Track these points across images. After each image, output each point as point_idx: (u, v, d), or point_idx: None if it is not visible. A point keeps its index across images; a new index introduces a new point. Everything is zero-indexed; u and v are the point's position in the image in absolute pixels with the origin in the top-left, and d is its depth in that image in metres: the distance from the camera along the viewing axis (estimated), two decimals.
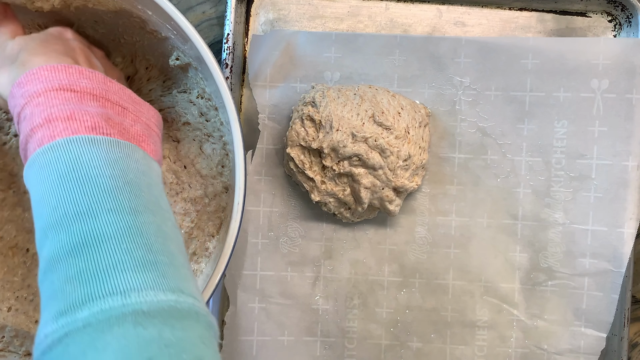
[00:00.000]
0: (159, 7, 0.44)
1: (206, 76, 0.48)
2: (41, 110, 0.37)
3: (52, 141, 0.35)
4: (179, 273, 0.33)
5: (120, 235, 0.32)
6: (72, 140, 0.35)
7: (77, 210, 0.32)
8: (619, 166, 0.55)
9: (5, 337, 0.51)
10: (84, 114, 0.37)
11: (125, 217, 0.33)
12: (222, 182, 0.53)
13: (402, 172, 0.53)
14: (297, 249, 0.57)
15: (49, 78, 0.38)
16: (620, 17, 0.58)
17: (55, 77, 0.38)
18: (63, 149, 0.35)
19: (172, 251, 0.34)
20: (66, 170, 0.34)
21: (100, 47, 0.54)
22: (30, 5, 0.48)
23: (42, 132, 0.36)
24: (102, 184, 0.34)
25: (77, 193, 0.33)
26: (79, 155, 0.35)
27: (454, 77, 0.56)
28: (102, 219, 0.32)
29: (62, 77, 0.38)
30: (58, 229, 0.32)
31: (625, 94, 0.55)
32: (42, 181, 0.34)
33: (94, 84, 0.39)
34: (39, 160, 0.35)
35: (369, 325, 0.57)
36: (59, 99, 0.37)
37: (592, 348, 0.56)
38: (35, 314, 0.53)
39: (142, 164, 0.37)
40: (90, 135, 0.36)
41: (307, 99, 0.54)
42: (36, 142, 0.36)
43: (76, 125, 0.36)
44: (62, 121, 0.36)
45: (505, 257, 0.57)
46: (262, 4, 0.59)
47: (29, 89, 0.38)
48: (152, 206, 0.35)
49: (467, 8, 0.59)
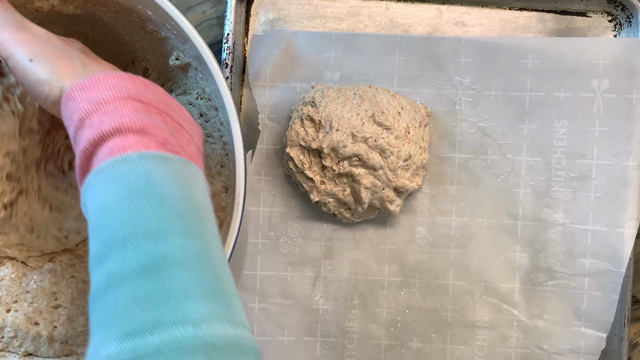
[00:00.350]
0: (159, 7, 0.44)
1: (206, 76, 0.48)
2: (111, 118, 0.35)
3: (123, 153, 0.34)
4: (240, 304, 0.33)
5: (190, 260, 0.31)
6: (145, 156, 0.34)
7: (147, 229, 0.31)
8: (619, 166, 0.55)
9: (4, 337, 0.51)
10: (155, 127, 0.35)
11: (195, 242, 0.32)
12: (222, 182, 0.53)
13: (402, 172, 0.53)
14: (297, 249, 0.57)
15: (117, 86, 0.37)
16: (621, 17, 0.58)
17: (123, 85, 0.37)
18: (136, 163, 0.33)
19: (232, 280, 0.34)
20: (139, 185, 0.33)
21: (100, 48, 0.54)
22: (30, 5, 0.48)
23: (114, 142, 0.34)
24: (173, 204, 0.33)
25: (149, 211, 0.32)
26: (151, 172, 0.33)
27: (454, 77, 0.56)
28: (173, 241, 0.31)
29: (130, 87, 0.37)
30: (126, 245, 0.31)
31: (626, 94, 0.55)
32: (111, 193, 0.33)
33: (157, 97, 0.38)
34: (107, 171, 0.34)
35: (369, 325, 0.57)
36: (129, 109, 0.36)
37: (593, 348, 0.56)
38: (34, 315, 0.52)
39: (203, 186, 0.37)
40: (162, 153, 0.35)
41: (307, 99, 0.54)
42: (106, 152, 0.34)
43: (148, 139, 0.35)
44: (134, 133, 0.35)
45: (506, 257, 0.57)
46: (262, 4, 0.59)
47: (95, 94, 0.36)
48: (215, 231, 0.35)
49: (467, 8, 0.59)
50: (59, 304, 0.53)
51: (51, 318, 0.52)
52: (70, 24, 0.52)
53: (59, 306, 0.53)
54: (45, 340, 0.52)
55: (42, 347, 0.52)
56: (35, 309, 0.52)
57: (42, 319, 0.52)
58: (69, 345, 0.52)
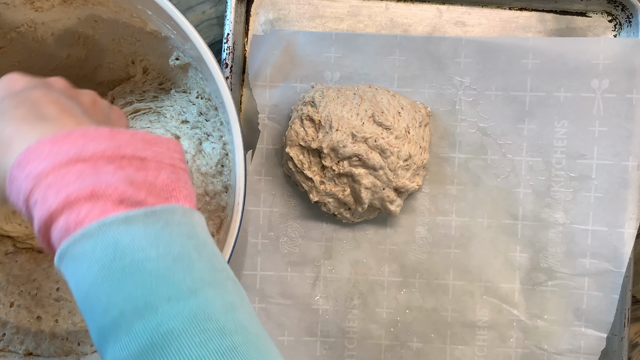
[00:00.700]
0: (159, 7, 0.44)
1: (206, 76, 0.48)
2: (56, 191, 0.31)
3: (80, 228, 0.30)
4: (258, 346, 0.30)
5: (188, 326, 0.29)
6: (105, 224, 0.30)
7: (133, 307, 0.29)
8: (619, 166, 0.55)
9: (6, 334, 0.51)
10: (106, 186, 0.31)
11: (187, 303, 0.29)
12: (222, 182, 0.53)
13: (403, 173, 0.53)
14: (297, 249, 0.57)
15: (52, 152, 0.32)
16: (620, 17, 0.58)
17: (61, 149, 0.32)
18: (97, 235, 0.30)
19: (243, 323, 0.31)
20: (108, 260, 0.30)
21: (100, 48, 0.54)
22: (30, 5, 0.48)
23: (65, 218, 0.31)
24: (151, 268, 0.30)
25: (129, 285, 0.29)
26: (117, 240, 0.30)
27: (454, 77, 0.56)
28: (164, 311, 0.29)
29: (68, 148, 0.32)
30: (118, 331, 0.29)
31: (626, 94, 0.55)
32: (83, 277, 0.30)
33: (102, 144, 0.33)
34: (70, 253, 0.31)
35: (369, 325, 0.57)
36: (71, 175, 0.32)
37: (592, 348, 0.56)
38: (37, 309, 0.53)
39: (184, 225, 0.33)
40: (123, 213, 0.31)
41: (307, 99, 0.54)
42: (61, 231, 0.31)
43: (102, 203, 0.31)
44: (84, 201, 0.31)
45: (506, 257, 0.57)
46: (262, 4, 0.59)
47: (33, 169, 0.32)
48: (208, 276, 0.31)
49: (467, 8, 0.58)
50: (61, 295, 0.53)
51: (53, 311, 0.53)
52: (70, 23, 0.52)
53: (60, 299, 0.53)
54: (46, 336, 0.52)
55: (43, 343, 0.52)
56: (37, 302, 0.53)
57: (44, 312, 0.52)
58: (69, 342, 0.52)
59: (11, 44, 0.52)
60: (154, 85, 0.55)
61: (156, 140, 0.36)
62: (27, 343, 0.52)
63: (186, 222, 0.33)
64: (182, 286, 0.30)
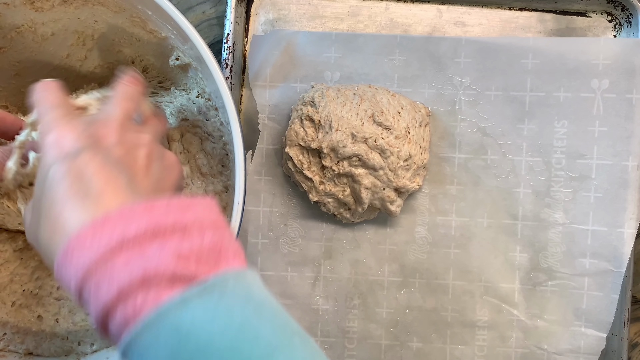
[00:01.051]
0: (159, 7, 0.44)
1: (206, 76, 0.48)
2: (107, 285, 0.31)
3: (139, 318, 0.30)
4: None
5: None
6: (162, 312, 0.30)
7: None
8: (619, 166, 0.55)
9: (6, 334, 0.51)
10: (155, 269, 0.31)
11: None
12: (222, 182, 0.53)
13: (403, 173, 0.53)
14: (297, 249, 0.57)
15: (94, 241, 0.32)
16: (620, 17, 0.58)
17: (101, 237, 0.32)
18: (158, 325, 0.30)
19: None
20: (174, 347, 0.30)
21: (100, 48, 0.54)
22: (30, 5, 0.48)
23: (122, 311, 0.31)
24: (218, 346, 0.30)
25: None
26: (179, 325, 0.30)
27: (454, 77, 0.56)
28: None
29: (109, 235, 0.32)
30: None
31: (625, 94, 0.55)
32: None
33: (141, 222, 0.33)
34: (135, 347, 0.30)
35: (369, 325, 0.57)
36: (119, 264, 0.31)
37: (592, 348, 0.56)
38: (37, 309, 0.53)
39: (239, 290, 0.32)
40: (178, 296, 0.30)
41: (306, 99, 0.54)
42: (120, 324, 0.31)
43: (155, 287, 0.31)
44: (137, 289, 0.31)
45: (505, 257, 0.57)
46: (262, 4, 0.59)
47: (79, 260, 0.32)
48: (274, 339, 0.31)
49: (467, 8, 0.59)
50: (61, 294, 0.53)
51: (53, 310, 0.53)
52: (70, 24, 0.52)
53: (61, 297, 0.53)
54: (47, 336, 0.52)
55: (43, 343, 0.52)
56: (38, 301, 0.53)
57: (45, 311, 0.52)
58: (69, 341, 0.52)
59: (11, 44, 0.52)
60: (153, 83, 0.55)
61: (193, 203, 0.35)
62: (27, 342, 0.52)
63: (241, 286, 0.32)
64: (252, 357, 0.30)
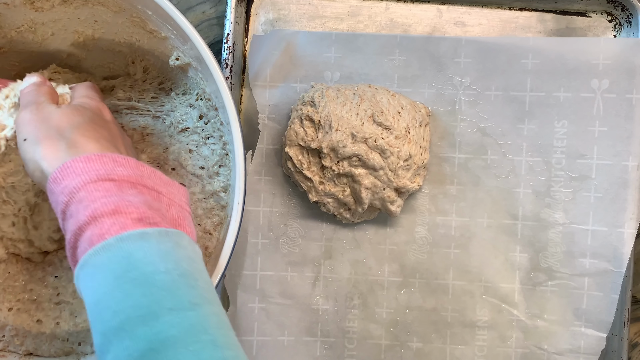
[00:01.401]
0: (159, 7, 0.44)
1: (206, 76, 0.48)
2: (85, 206, 0.35)
3: (102, 241, 0.34)
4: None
5: (185, 336, 0.32)
6: (123, 238, 0.34)
7: (139, 314, 0.32)
8: (619, 166, 0.55)
9: (5, 336, 0.51)
10: (127, 205, 0.36)
11: (187, 314, 0.32)
12: (221, 182, 0.53)
13: (403, 173, 0.53)
14: (297, 249, 0.57)
15: (85, 170, 0.37)
16: (620, 17, 0.58)
17: (92, 167, 0.37)
18: (115, 248, 0.34)
19: (234, 341, 0.34)
20: (121, 270, 0.33)
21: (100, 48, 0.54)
22: (30, 5, 0.48)
23: (90, 231, 0.35)
24: (159, 280, 0.33)
25: (137, 295, 0.33)
26: (132, 253, 0.34)
27: (454, 77, 0.56)
28: (165, 320, 0.32)
29: (99, 167, 0.37)
30: (122, 334, 0.32)
31: (625, 94, 0.55)
32: (98, 284, 0.34)
33: (129, 170, 0.38)
34: (91, 262, 0.34)
35: (369, 325, 0.57)
36: (100, 192, 0.36)
37: (592, 348, 0.56)
38: (37, 313, 0.52)
39: (189, 250, 0.37)
40: (140, 230, 0.35)
41: (306, 99, 0.54)
42: (85, 243, 0.35)
43: (123, 219, 0.35)
44: (108, 216, 0.35)
45: (506, 257, 0.57)
46: (262, 4, 0.59)
47: (67, 184, 0.37)
48: (209, 294, 0.35)
49: (467, 8, 0.58)
50: (62, 299, 0.53)
51: (54, 314, 0.52)
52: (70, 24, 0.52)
53: (61, 302, 0.53)
54: (47, 337, 0.52)
55: (43, 345, 0.52)
56: (37, 306, 0.53)
57: (44, 316, 0.52)
58: (69, 342, 0.52)
59: (11, 44, 0.52)
60: (153, 85, 0.55)
61: (170, 182, 0.41)
62: (26, 344, 0.52)
63: (191, 249, 0.37)
64: (184, 300, 0.33)
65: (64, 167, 0.37)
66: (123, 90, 0.55)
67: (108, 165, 0.37)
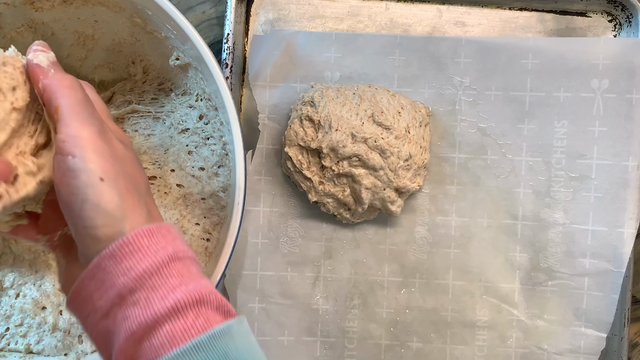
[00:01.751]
0: (159, 7, 0.44)
1: (206, 76, 0.48)
2: (161, 296, 0.31)
3: (190, 338, 0.30)
4: None
5: None
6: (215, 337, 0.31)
7: None
8: (619, 166, 0.55)
9: (10, 328, 0.52)
10: (207, 292, 0.32)
11: None
12: (221, 182, 0.53)
13: (403, 173, 0.53)
14: (297, 249, 0.57)
15: (151, 248, 0.31)
16: (620, 17, 0.58)
17: (157, 245, 0.32)
18: (208, 347, 0.31)
19: None
20: None
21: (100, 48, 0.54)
22: (30, 5, 0.48)
23: (170, 325, 0.31)
24: None
25: None
26: (227, 353, 0.31)
27: (454, 77, 0.56)
28: None
29: (165, 245, 0.32)
30: None
31: (625, 94, 0.55)
32: None
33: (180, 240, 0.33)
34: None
35: (369, 325, 0.57)
36: (175, 278, 0.31)
37: (592, 348, 0.56)
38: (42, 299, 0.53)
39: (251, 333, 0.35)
40: (225, 324, 0.32)
41: (306, 99, 0.54)
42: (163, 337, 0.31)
43: (205, 310, 0.31)
44: (190, 309, 0.31)
45: (506, 257, 0.57)
46: (262, 4, 0.59)
47: (133, 265, 0.31)
48: None
49: (467, 8, 0.59)
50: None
51: (57, 301, 0.53)
52: (70, 24, 0.52)
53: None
54: (49, 327, 0.52)
55: (45, 336, 0.52)
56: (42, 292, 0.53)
57: (49, 302, 0.52)
58: (70, 335, 0.52)
59: (11, 44, 0.52)
60: (153, 86, 0.55)
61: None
62: (29, 337, 0.52)
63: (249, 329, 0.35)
64: None
65: (125, 243, 0.31)
66: (122, 95, 0.55)
67: (168, 239, 0.32)
